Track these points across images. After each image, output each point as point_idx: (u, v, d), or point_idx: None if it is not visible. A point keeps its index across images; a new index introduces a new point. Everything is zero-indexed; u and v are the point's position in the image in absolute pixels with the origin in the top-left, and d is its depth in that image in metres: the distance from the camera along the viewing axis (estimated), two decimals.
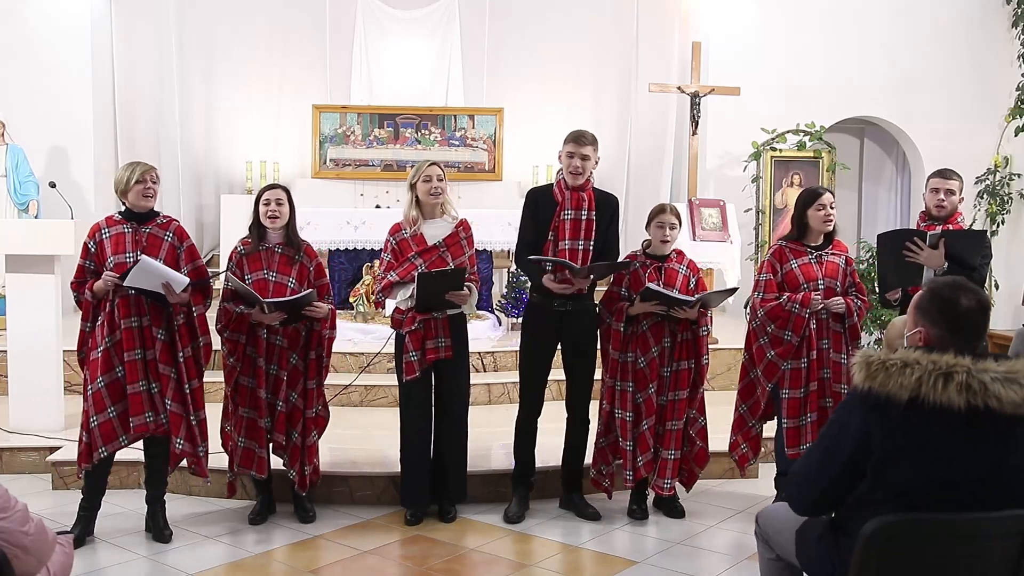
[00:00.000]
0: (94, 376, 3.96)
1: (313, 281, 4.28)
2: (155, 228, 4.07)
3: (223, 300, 4.25)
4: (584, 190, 4.31)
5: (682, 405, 4.36)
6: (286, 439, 4.25)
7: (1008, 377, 2.20)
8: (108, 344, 3.96)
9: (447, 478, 4.37)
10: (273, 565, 3.89)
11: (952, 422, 2.19)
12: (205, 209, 9.66)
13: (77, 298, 4.10)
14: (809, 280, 4.32)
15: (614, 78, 9.75)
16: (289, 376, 4.24)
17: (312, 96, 9.52)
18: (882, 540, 2.15)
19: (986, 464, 2.21)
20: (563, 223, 4.28)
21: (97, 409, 3.94)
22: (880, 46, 8.83)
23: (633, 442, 4.30)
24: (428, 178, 4.29)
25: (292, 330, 4.23)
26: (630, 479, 4.35)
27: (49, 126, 8.31)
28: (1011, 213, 8.89)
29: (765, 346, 4.36)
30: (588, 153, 4.28)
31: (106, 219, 4.12)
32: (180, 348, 4.02)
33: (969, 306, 2.32)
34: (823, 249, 4.39)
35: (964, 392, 2.17)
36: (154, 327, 3.99)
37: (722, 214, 7.29)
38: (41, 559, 2.53)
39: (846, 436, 2.30)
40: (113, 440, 3.97)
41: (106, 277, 3.92)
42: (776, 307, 4.32)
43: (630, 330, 4.32)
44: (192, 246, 4.15)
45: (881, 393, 2.23)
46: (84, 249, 4.08)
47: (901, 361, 2.23)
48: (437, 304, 4.20)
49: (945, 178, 4.42)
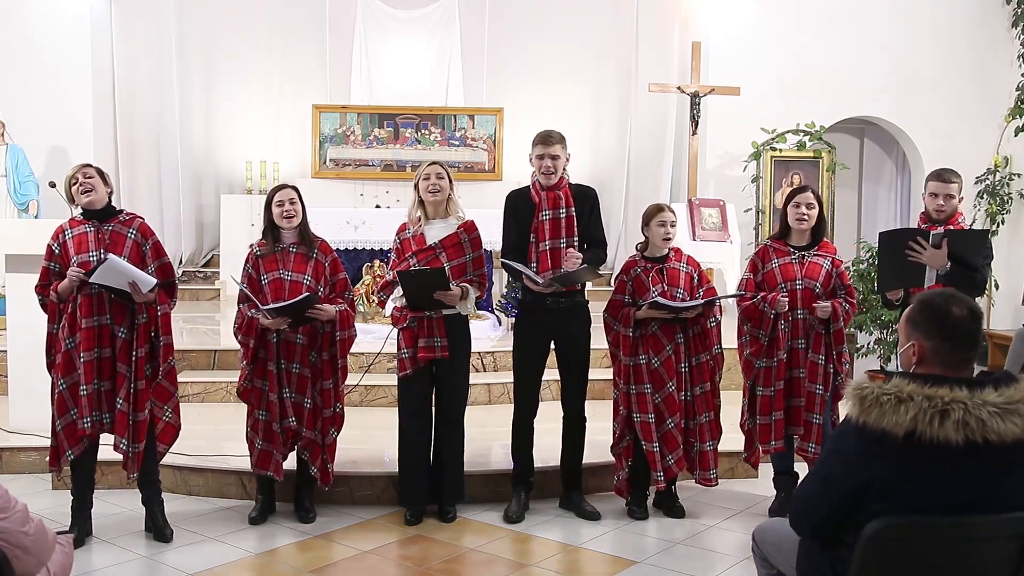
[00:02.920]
0: (57, 379, 3.96)
1: (329, 277, 4.29)
2: (117, 225, 4.04)
3: (239, 302, 4.27)
4: (559, 188, 4.33)
5: (709, 397, 4.40)
6: (314, 435, 4.27)
7: (1007, 409, 2.15)
8: (70, 346, 3.95)
9: (444, 478, 4.37)
10: (273, 565, 3.89)
11: (951, 455, 2.15)
12: (205, 209, 9.67)
13: (42, 301, 4.05)
14: (787, 280, 4.33)
15: (614, 78, 9.75)
16: (312, 374, 4.26)
17: (312, 96, 9.52)
18: (883, 542, 2.15)
19: (987, 492, 2.18)
20: (542, 224, 4.30)
21: (60, 412, 3.95)
22: (880, 46, 8.82)
23: (660, 443, 4.30)
24: (427, 176, 4.31)
25: (311, 328, 4.24)
26: (661, 479, 4.33)
27: (49, 126, 8.31)
28: (1011, 213, 8.88)
29: (745, 344, 4.43)
30: (557, 152, 4.29)
31: (69, 221, 4.10)
32: (136, 347, 3.98)
33: (961, 315, 2.28)
34: (808, 250, 4.39)
35: (962, 429, 2.12)
36: (115, 325, 3.96)
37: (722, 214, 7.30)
38: (41, 559, 2.53)
39: (843, 467, 2.27)
40: (78, 442, 3.97)
41: (71, 273, 3.89)
42: (750, 306, 4.36)
43: (639, 333, 4.32)
44: (158, 243, 4.12)
45: (876, 429, 2.19)
46: (48, 251, 4.05)
47: (895, 396, 2.17)
48: (427, 303, 4.20)
49: (944, 182, 4.38)
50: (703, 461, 4.39)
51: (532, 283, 4.25)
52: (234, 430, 4.57)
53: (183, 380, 6.14)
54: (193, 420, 5.59)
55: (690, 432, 4.38)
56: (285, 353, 4.22)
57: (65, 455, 3.97)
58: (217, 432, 5.00)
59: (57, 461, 4.01)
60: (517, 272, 4.30)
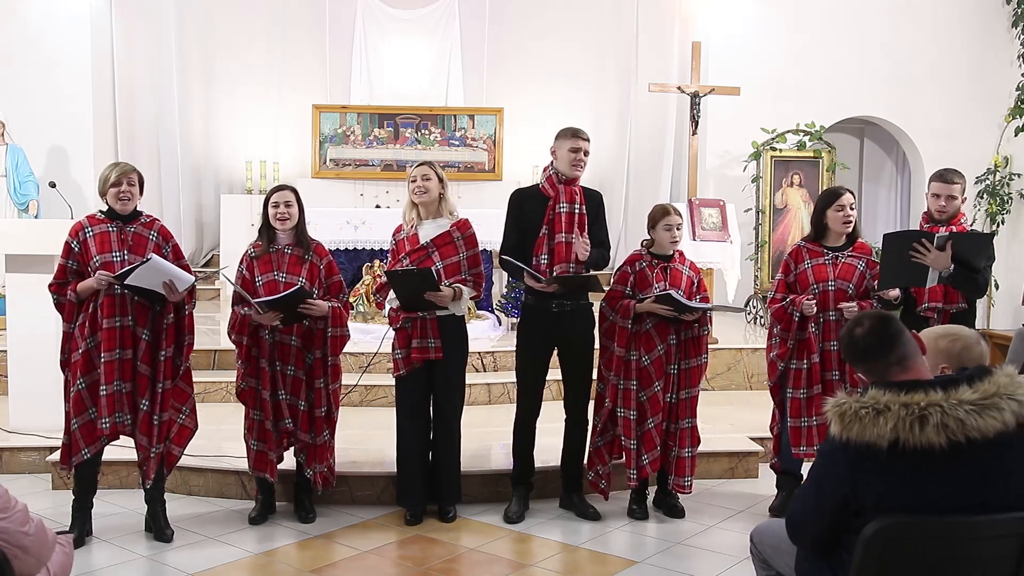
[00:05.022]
0: (75, 378, 3.93)
1: (324, 280, 4.28)
2: (139, 227, 4.02)
3: (232, 304, 4.26)
4: (575, 184, 4.36)
5: (694, 402, 4.38)
6: (309, 438, 4.27)
7: (983, 404, 2.18)
8: (90, 345, 3.91)
9: (441, 480, 4.37)
10: (273, 565, 3.89)
11: (938, 458, 2.17)
12: (205, 209, 9.67)
13: (57, 300, 3.97)
14: (820, 281, 4.31)
15: (614, 78, 9.76)
16: (306, 376, 4.25)
17: (312, 96, 9.53)
18: (882, 542, 2.15)
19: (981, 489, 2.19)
20: (558, 216, 4.30)
21: (78, 411, 3.93)
22: (880, 46, 8.83)
23: (638, 441, 4.30)
24: (414, 178, 4.33)
25: (305, 330, 4.23)
26: (634, 478, 4.34)
27: (49, 126, 8.32)
28: (1011, 213, 8.89)
29: (773, 346, 4.40)
30: (587, 148, 4.35)
31: (88, 218, 4.04)
32: (163, 348, 3.98)
33: (864, 331, 2.39)
34: (842, 250, 4.38)
35: (942, 431, 2.15)
36: (138, 327, 3.94)
37: (722, 214, 7.29)
38: (41, 559, 2.53)
39: (833, 483, 2.28)
40: (95, 441, 3.96)
41: (100, 276, 3.85)
42: (779, 308, 4.34)
43: (634, 328, 4.32)
44: (176, 246, 4.11)
45: (860, 443, 2.21)
46: (66, 248, 3.97)
47: (873, 408, 2.20)
48: (419, 304, 4.20)
49: (947, 183, 4.38)
50: (679, 467, 4.36)
51: (533, 280, 4.25)
52: (234, 430, 4.56)
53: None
54: None
55: (670, 436, 4.36)
56: (280, 355, 4.21)
57: (81, 453, 3.94)
58: (217, 432, 4.99)
59: (69, 459, 3.98)
60: (517, 269, 4.29)
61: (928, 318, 4.35)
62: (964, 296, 4.35)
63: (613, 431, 4.37)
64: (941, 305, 4.35)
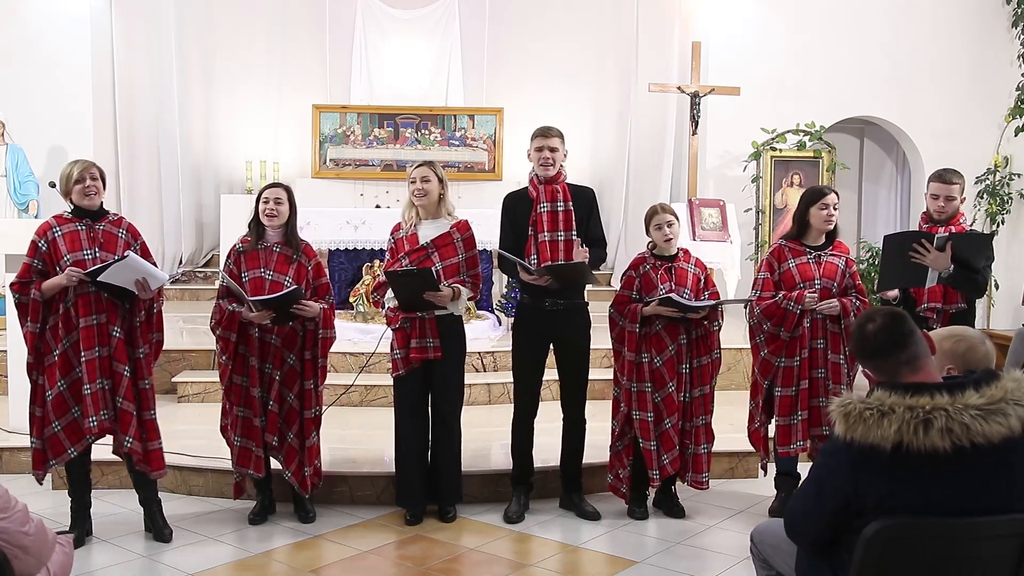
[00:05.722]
0: (54, 380, 3.90)
1: (311, 281, 4.27)
2: (108, 225, 4.01)
3: (218, 297, 4.24)
4: (557, 183, 4.37)
5: (707, 400, 4.40)
6: (279, 440, 4.24)
7: (989, 410, 2.17)
8: (66, 345, 3.89)
9: (441, 480, 4.37)
10: (273, 565, 3.89)
11: (941, 462, 2.16)
12: (205, 209, 9.66)
13: (19, 299, 3.91)
14: (806, 280, 4.33)
15: (614, 78, 9.75)
16: (285, 376, 4.23)
17: (312, 96, 9.52)
18: (883, 542, 2.15)
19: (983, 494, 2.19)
20: (540, 216, 4.32)
21: (60, 412, 3.90)
22: (880, 46, 8.83)
23: (657, 442, 4.30)
24: (413, 180, 4.33)
25: (288, 330, 4.22)
26: (656, 478, 4.34)
27: (49, 126, 8.30)
28: (1011, 213, 8.88)
29: (760, 344, 4.41)
30: (556, 145, 4.35)
31: (55, 217, 4.01)
32: (139, 345, 3.98)
33: (876, 328, 2.36)
34: (823, 249, 4.40)
35: (947, 436, 2.14)
36: (111, 324, 3.93)
37: (722, 214, 7.30)
38: (41, 559, 2.53)
39: (835, 482, 2.28)
40: (81, 439, 3.95)
41: (71, 272, 3.81)
42: (771, 304, 4.34)
43: (644, 331, 4.32)
44: (144, 244, 4.10)
45: (864, 444, 2.20)
46: (32, 247, 3.91)
47: (878, 410, 2.20)
48: (418, 304, 4.20)
49: (946, 183, 4.38)
50: (696, 464, 4.38)
51: (525, 272, 4.25)
52: None
53: (183, 380, 6.16)
54: (193, 420, 5.61)
55: (685, 434, 4.38)
56: (262, 353, 4.20)
57: (67, 452, 3.92)
58: (217, 432, 4.97)
59: (45, 463, 3.95)
60: (511, 264, 4.30)
61: (927, 318, 4.35)
62: (963, 296, 4.35)
63: (630, 434, 4.38)
64: (940, 305, 4.35)
